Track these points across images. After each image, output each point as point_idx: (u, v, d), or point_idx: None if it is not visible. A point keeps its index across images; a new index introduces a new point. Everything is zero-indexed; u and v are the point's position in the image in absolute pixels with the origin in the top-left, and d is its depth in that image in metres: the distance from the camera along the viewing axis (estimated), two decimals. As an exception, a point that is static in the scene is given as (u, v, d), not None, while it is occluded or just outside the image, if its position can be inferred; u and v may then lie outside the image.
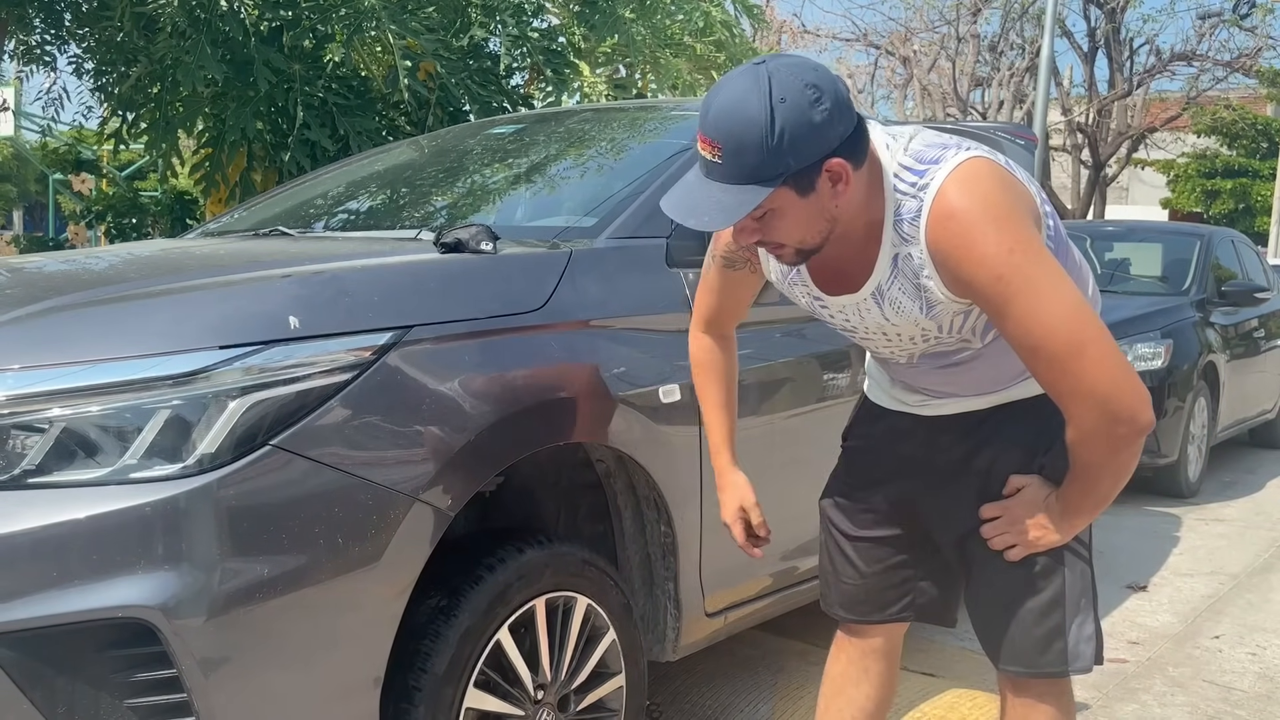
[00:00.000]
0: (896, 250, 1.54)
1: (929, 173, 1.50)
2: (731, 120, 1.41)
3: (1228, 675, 3.28)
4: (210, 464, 1.57)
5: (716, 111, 1.42)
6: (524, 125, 3.38)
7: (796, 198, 1.45)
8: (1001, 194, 1.48)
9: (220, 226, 3.12)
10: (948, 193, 1.47)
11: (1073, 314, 1.45)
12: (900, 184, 1.51)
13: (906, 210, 1.51)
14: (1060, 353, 1.45)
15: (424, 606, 1.86)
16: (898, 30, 20.92)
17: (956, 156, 1.50)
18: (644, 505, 2.30)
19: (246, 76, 5.64)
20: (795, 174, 1.43)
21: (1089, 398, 1.46)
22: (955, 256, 1.48)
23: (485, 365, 1.93)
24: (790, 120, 1.39)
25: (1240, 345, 6.68)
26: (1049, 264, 1.47)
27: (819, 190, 1.46)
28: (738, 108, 1.41)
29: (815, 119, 1.40)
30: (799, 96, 1.40)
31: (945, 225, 1.47)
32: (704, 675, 3.02)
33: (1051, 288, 1.45)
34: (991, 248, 1.44)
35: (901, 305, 1.60)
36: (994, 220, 1.46)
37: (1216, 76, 19.64)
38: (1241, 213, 20.38)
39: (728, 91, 1.43)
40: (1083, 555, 1.74)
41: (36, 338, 1.67)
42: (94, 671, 1.52)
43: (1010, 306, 1.45)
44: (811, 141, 1.41)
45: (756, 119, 1.39)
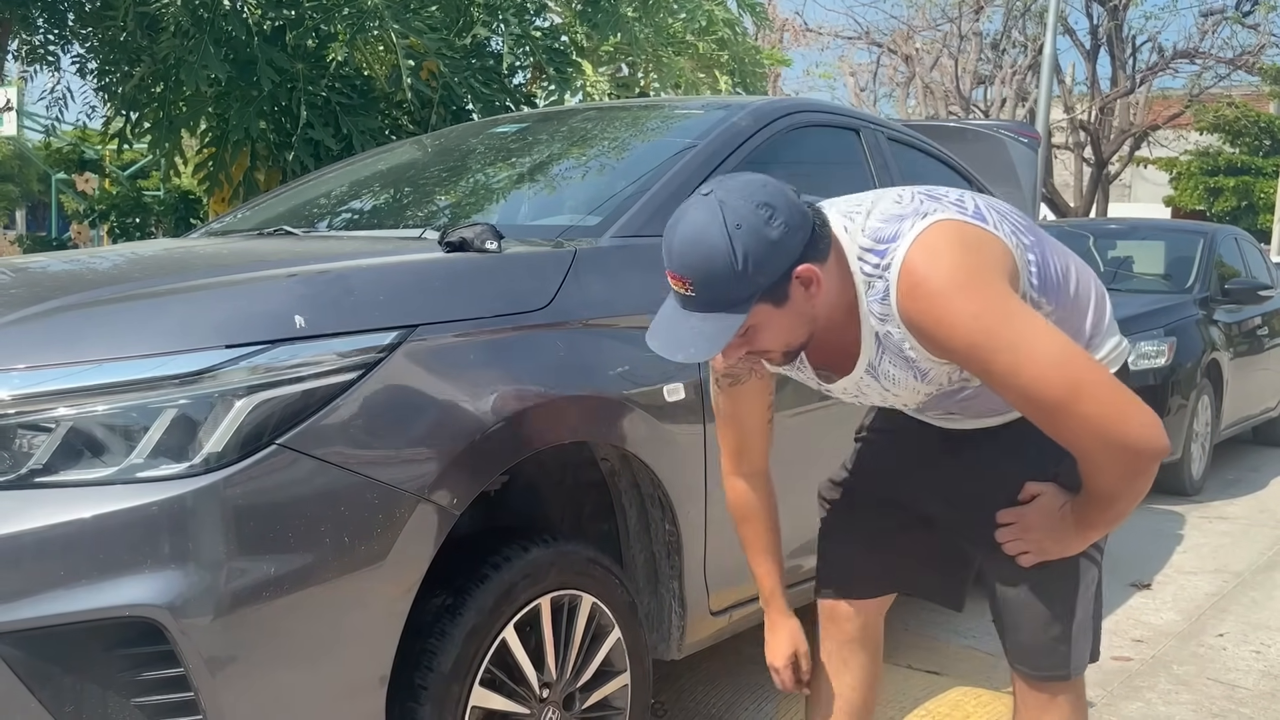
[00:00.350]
0: (876, 329, 1.58)
1: (889, 252, 1.52)
2: (695, 255, 1.45)
3: (1232, 673, 3.28)
4: (216, 463, 1.57)
5: (680, 248, 1.46)
6: (527, 124, 3.38)
7: (774, 310, 1.50)
8: (963, 258, 1.49)
9: (224, 226, 3.13)
10: (910, 269, 1.50)
11: (1058, 363, 1.45)
12: (865, 267, 1.54)
13: (875, 292, 1.54)
14: (1055, 403, 1.45)
15: (430, 605, 1.86)
16: (900, 28, 20.91)
17: (913, 229, 1.52)
18: (648, 504, 2.31)
19: (250, 76, 5.64)
20: (767, 289, 1.47)
21: (1097, 439, 1.46)
22: (929, 329, 1.50)
23: (490, 364, 1.93)
24: (750, 244, 1.43)
25: (1244, 343, 6.68)
26: (1023, 319, 1.47)
27: (793, 297, 1.50)
28: (699, 242, 1.44)
29: (774, 236, 1.44)
30: (754, 218, 1.44)
31: (913, 302, 1.50)
32: (708, 674, 3.02)
33: (1030, 343, 1.45)
34: (960, 316, 1.46)
35: (896, 377, 1.63)
36: (958, 288, 1.47)
37: (1219, 74, 19.61)
38: (1244, 210, 20.34)
39: (686, 227, 1.46)
40: (1097, 560, 1.75)
41: (42, 337, 1.68)
42: (101, 670, 1.53)
43: (992, 368, 1.47)
44: (775, 258, 1.45)
45: (719, 249, 1.43)
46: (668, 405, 2.21)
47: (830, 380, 1.71)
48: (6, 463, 1.55)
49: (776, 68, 14.13)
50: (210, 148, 6.26)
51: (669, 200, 2.43)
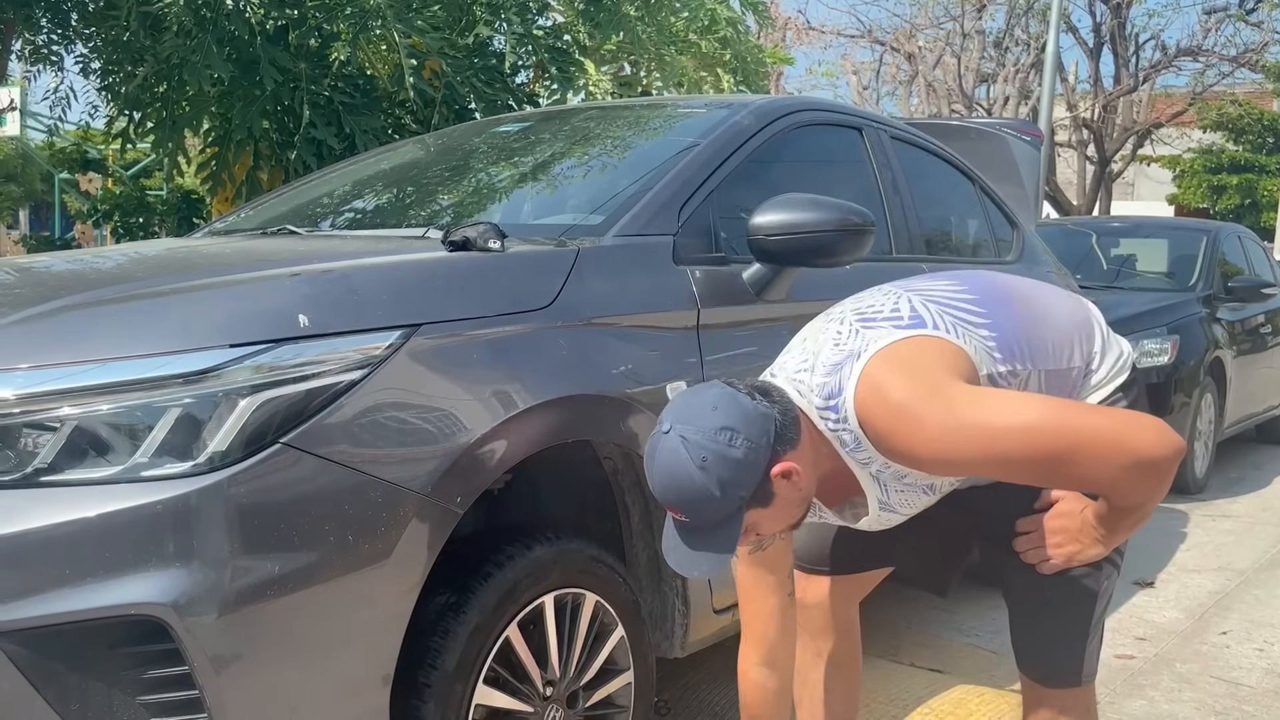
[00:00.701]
0: (869, 469, 1.62)
1: (840, 405, 1.57)
2: (675, 492, 1.52)
3: (1235, 671, 3.28)
4: (221, 462, 1.57)
5: (660, 488, 1.54)
6: (530, 123, 3.38)
7: (763, 510, 1.55)
8: (907, 384, 1.52)
9: (227, 225, 3.13)
10: (865, 417, 1.54)
11: (1040, 428, 1.46)
12: (829, 424, 1.59)
13: (848, 441, 1.59)
14: (1060, 464, 1.47)
15: (433, 603, 1.87)
16: (903, 26, 20.90)
17: (852, 376, 1.56)
18: (651, 502, 2.31)
19: (252, 76, 5.65)
20: (751, 498, 1.52)
21: (1116, 470, 1.48)
22: (908, 458, 1.54)
23: (493, 363, 1.94)
24: (720, 471, 1.49)
25: (1247, 341, 6.67)
26: (989, 410, 1.49)
27: (779, 493, 1.55)
28: (675, 481, 1.51)
29: (739, 456, 1.50)
30: (715, 446, 1.49)
31: (882, 440, 1.55)
32: (711, 672, 3.03)
33: (1004, 421, 1.47)
34: (927, 440, 1.49)
35: (909, 500, 1.68)
36: (912, 418, 1.50)
37: (1222, 71, 19.59)
38: (1248, 208, 20.31)
39: (660, 469, 1.53)
40: (1118, 565, 1.76)
41: (46, 337, 1.68)
42: (106, 668, 1.53)
43: (985, 465, 1.51)
44: (748, 473, 1.51)
45: (694, 485, 1.50)
46: (671, 404, 2.21)
47: (855, 519, 1.75)
48: (11, 462, 1.56)
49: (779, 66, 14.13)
50: (213, 147, 6.27)
51: (672, 199, 2.44)
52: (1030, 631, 1.78)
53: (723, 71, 8.44)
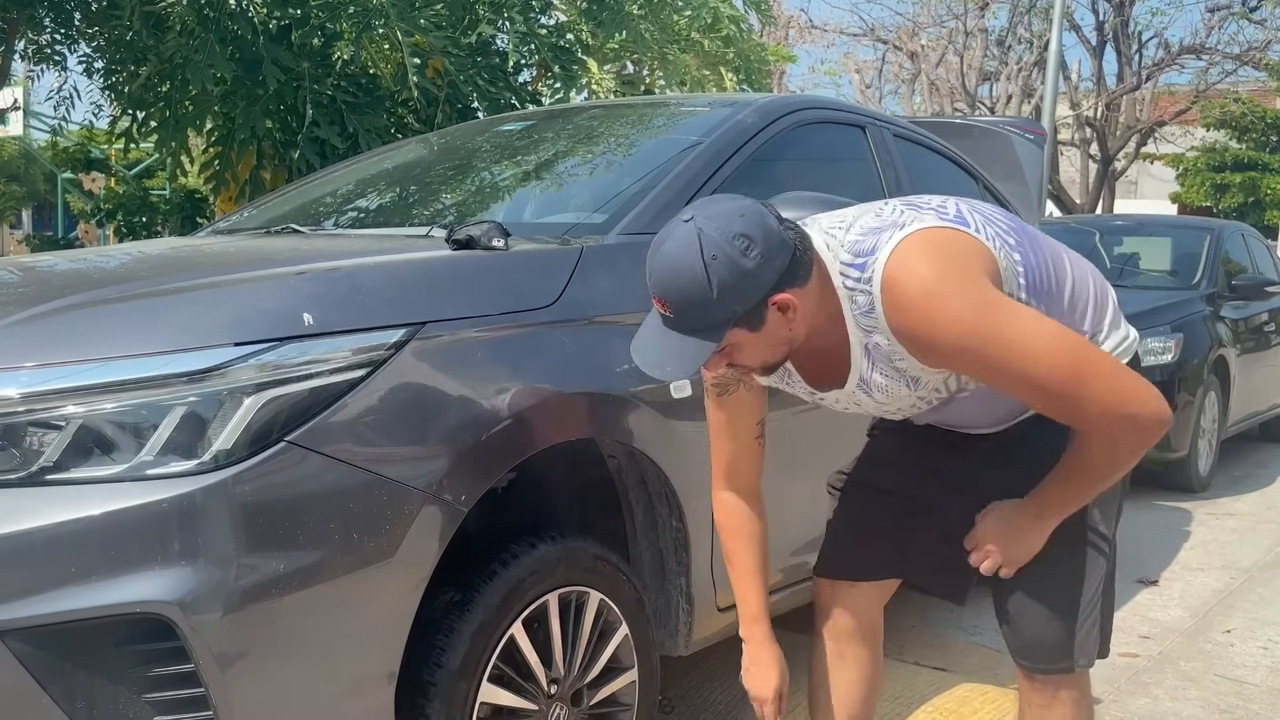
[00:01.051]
0: (864, 341, 1.59)
1: (869, 265, 1.54)
2: (673, 282, 1.49)
3: (1239, 669, 3.27)
4: (226, 460, 1.58)
5: (659, 274, 1.50)
6: (533, 122, 3.38)
7: (749, 334, 1.53)
8: (943, 264, 1.51)
9: (230, 225, 3.14)
10: (891, 281, 1.51)
11: (1055, 350, 1.48)
12: (847, 281, 1.56)
13: (859, 305, 1.56)
14: (1059, 391, 1.49)
15: (438, 602, 1.87)
16: (905, 25, 20.88)
17: (890, 241, 1.53)
18: (655, 500, 2.31)
19: (255, 75, 5.66)
20: (743, 316, 1.50)
21: (1106, 416, 1.50)
22: (919, 338, 1.52)
23: (497, 361, 1.94)
24: (725, 274, 1.46)
25: (1251, 339, 6.66)
26: (1010, 315, 1.50)
27: (769, 322, 1.53)
28: (676, 270, 1.48)
29: (748, 267, 1.47)
30: (729, 249, 1.46)
31: (899, 313, 1.52)
32: (716, 670, 3.03)
33: (1022, 337, 1.48)
34: (947, 322, 1.48)
35: (889, 388, 1.64)
36: (940, 295, 1.49)
37: (1226, 70, 19.55)
38: (1251, 206, 20.26)
39: (665, 254, 1.50)
40: (1105, 552, 1.76)
41: (51, 336, 1.68)
42: (112, 666, 1.53)
43: (988, 368, 1.50)
44: (750, 287, 1.48)
45: (695, 278, 1.47)
46: (674, 402, 2.22)
47: (823, 391, 1.73)
48: (17, 460, 1.56)
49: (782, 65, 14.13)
50: (216, 147, 6.28)
51: (675, 198, 2.44)
52: (1016, 621, 1.78)
53: (726, 70, 8.44)
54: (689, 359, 1.52)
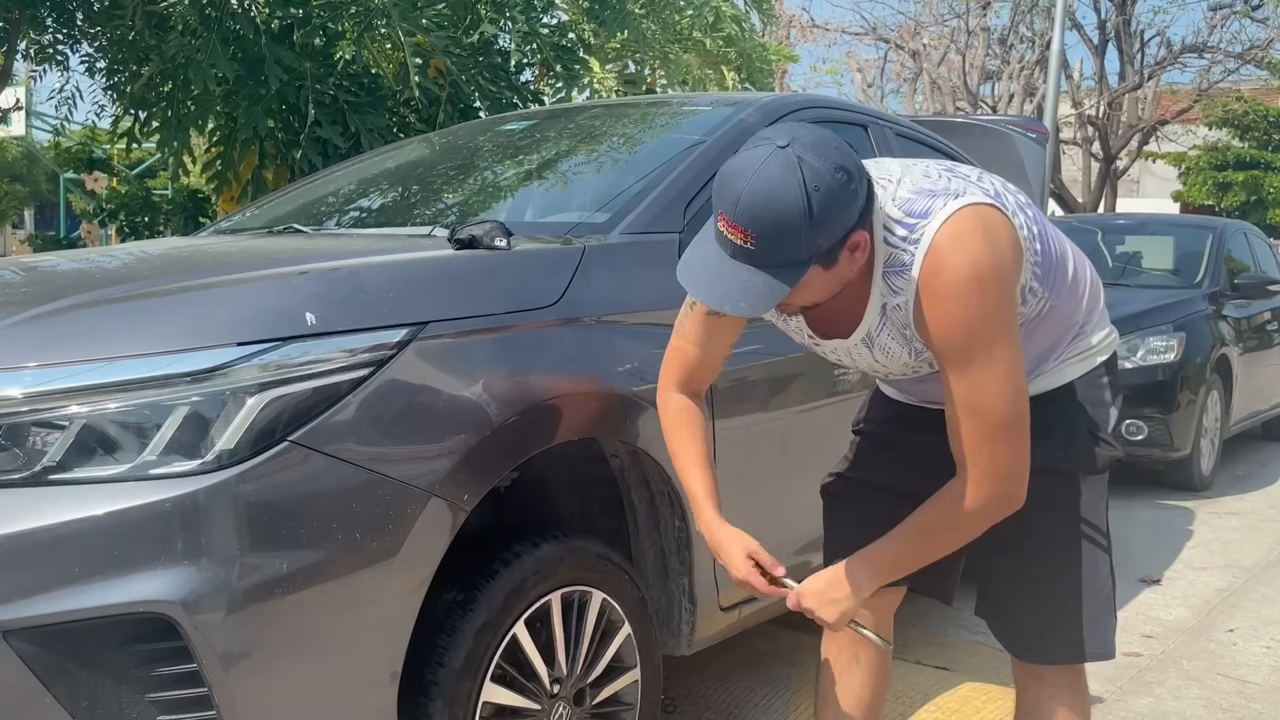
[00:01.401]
0: (885, 300, 1.57)
1: (919, 227, 1.51)
2: (767, 210, 1.39)
3: (1242, 668, 3.27)
4: (229, 460, 1.58)
5: (750, 200, 1.39)
6: (535, 122, 3.38)
7: (821, 272, 1.47)
8: (990, 253, 1.49)
9: (233, 224, 3.14)
10: (938, 251, 1.49)
11: (1015, 396, 1.52)
12: (890, 237, 1.53)
13: (897, 264, 1.53)
14: (990, 427, 1.52)
15: (441, 601, 1.87)
16: (907, 24, 20.87)
17: (945, 208, 1.51)
18: (658, 500, 2.31)
19: (258, 74, 5.66)
20: (824, 254, 1.44)
21: (991, 470, 1.53)
22: (935, 310, 1.51)
23: (500, 361, 1.94)
24: (825, 206, 1.39)
25: (1253, 338, 6.66)
26: (1013, 340, 1.52)
27: (840, 261, 1.48)
28: (774, 198, 1.39)
29: (846, 201, 1.41)
30: (832, 182, 1.39)
31: (933, 280, 1.50)
32: (718, 670, 3.03)
33: (1007, 365, 1.51)
34: (971, 315, 1.48)
35: (890, 350, 1.64)
36: (979, 287, 1.48)
37: (1228, 68, 19.52)
38: (1254, 205, 20.23)
39: (761, 180, 1.39)
40: (1101, 545, 1.75)
41: (54, 335, 1.68)
42: (116, 666, 1.53)
43: (968, 370, 1.51)
44: (841, 222, 1.42)
45: (794, 209, 1.38)
46: (677, 401, 2.21)
47: (823, 338, 1.70)
48: (20, 460, 1.56)
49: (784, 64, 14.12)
50: (218, 146, 6.28)
51: (677, 197, 2.44)
52: (1019, 615, 1.77)
53: (727, 69, 8.44)
54: (765, 296, 1.43)
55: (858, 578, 1.65)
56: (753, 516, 2.47)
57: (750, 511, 2.45)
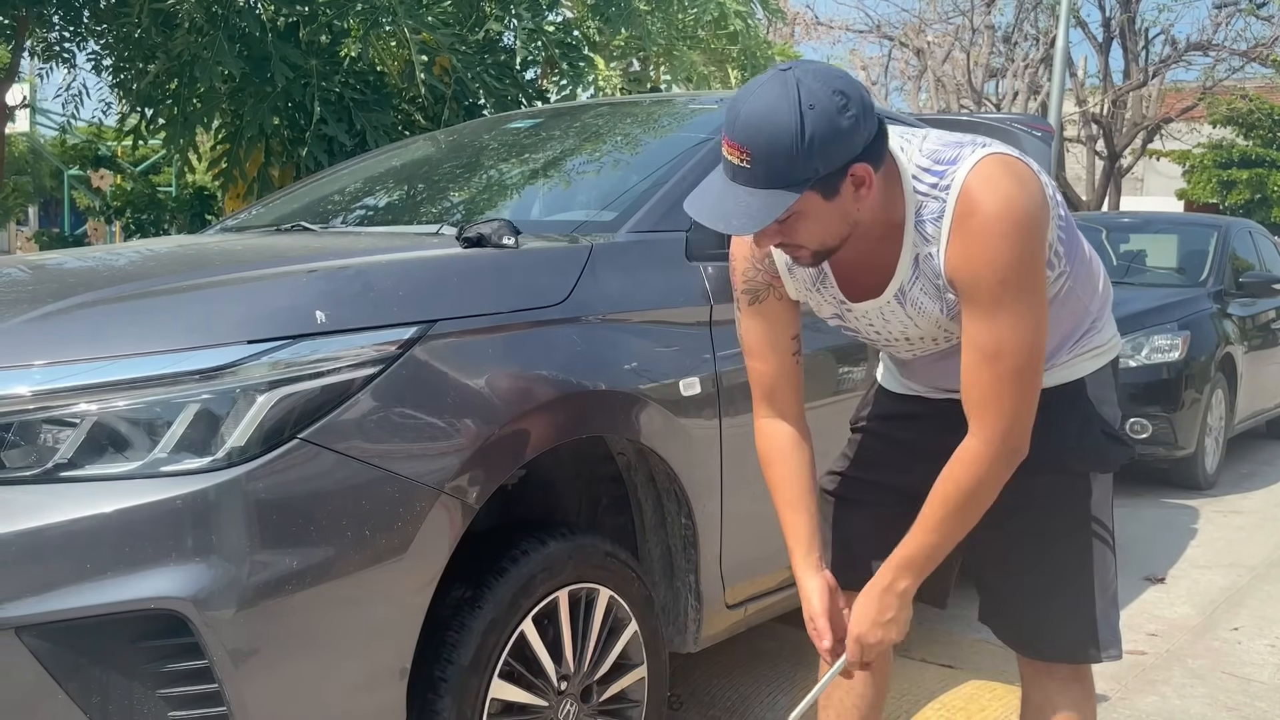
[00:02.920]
0: (918, 250, 1.57)
1: (948, 173, 1.52)
2: (761, 126, 1.42)
3: (1247, 667, 3.27)
4: (239, 457, 1.58)
5: (746, 117, 1.43)
6: (541, 120, 3.39)
7: (821, 201, 1.47)
8: (1021, 196, 1.50)
9: (240, 222, 3.14)
10: (970, 192, 1.50)
11: (1038, 343, 1.54)
12: (920, 185, 1.54)
13: (928, 211, 1.53)
14: (1013, 371, 1.52)
15: (449, 598, 1.88)
16: (911, 22, 20.85)
17: (974, 154, 1.52)
18: (665, 498, 2.31)
19: (264, 72, 5.67)
20: (822, 179, 1.44)
21: (1006, 417, 1.54)
22: (968, 252, 1.51)
23: (508, 359, 1.95)
24: (819, 126, 1.41)
25: (1258, 336, 6.65)
26: (1042, 287, 1.54)
27: (843, 195, 1.48)
28: (768, 114, 1.42)
29: (843, 125, 1.42)
30: (828, 103, 1.41)
31: (968, 221, 1.50)
32: (724, 666, 3.03)
33: (1035, 310, 1.52)
34: (1005, 255, 1.48)
35: (923, 306, 1.62)
36: (1013, 225, 1.48)
37: (1233, 66, 19.49)
38: (1258, 203, 20.18)
39: (757, 98, 1.43)
40: (1108, 543, 1.75)
41: (64, 333, 1.69)
42: (127, 662, 1.54)
43: (995, 313, 1.51)
44: (838, 147, 1.43)
45: (787, 125, 1.41)
46: (684, 400, 2.22)
47: (852, 303, 1.69)
48: (32, 458, 1.57)
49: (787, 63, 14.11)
50: (224, 144, 6.29)
51: (684, 195, 2.42)
52: (1023, 610, 1.77)
53: (732, 67, 8.43)
54: (759, 213, 1.44)
55: (898, 585, 1.65)
56: (758, 515, 2.48)
57: (755, 510, 2.46)
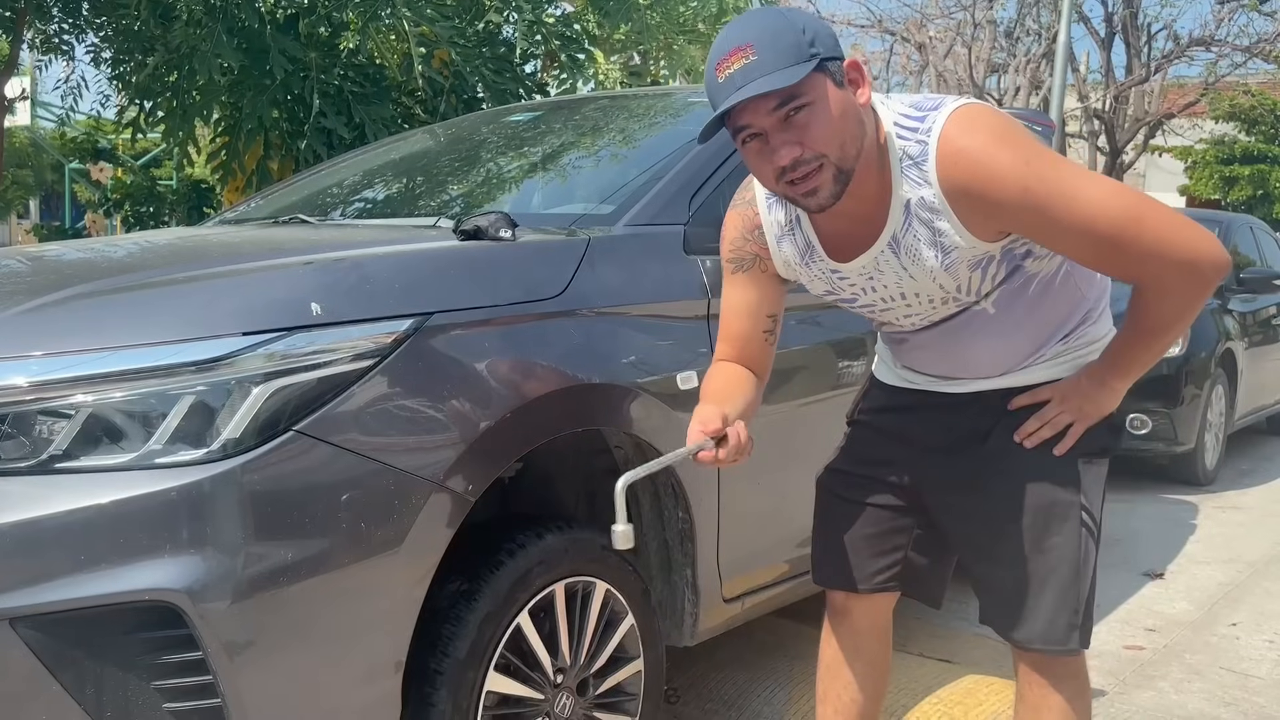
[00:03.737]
0: (908, 196, 1.57)
1: (929, 118, 1.54)
2: (758, 22, 1.48)
3: (1245, 662, 3.27)
4: (234, 449, 1.58)
5: (740, 26, 1.49)
6: (540, 113, 3.38)
7: (832, 89, 1.49)
8: (1004, 124, 1.53)
9: (238, 215, 3.14)
10: (951, 131, 1.52)
11: (1113, 192, 1.50)
12: (902, 131, 1.55)
13: (913, 153, 1.55)
14: (1119, 233, 1.49)
15: (445, 591, 1.88)
16: (913, 16, 20.79)
17: (955, 101, 1.55)
18: (662, 492, 2.31)
19: (263, 65, 5.66)
20: (826, 61, 1.47)
21: (1164, 260, 1.51)
22: (975, 188, 1.51)
23: (505, 352, 1.94)
24: (807, 20, 1.49)
25: (1258, 332, 6.64)
26: (1067, 163, 1.52)
27: (849, 85, 1.51)
28: (760, 16, 1.49)
29: (829, 30, 1.50)
30: (812, 18, 1.50)
31: (956, 162, 1.51)
32: (721, 660, 3.03)
33: (1080, 178, 1.50)
34: (1007, 165, 1.48)
35: (919, 254, 1.61)
36: (1001, 141, 1.50)
37: (1235, 62, 19.43)
38: (1260, 199, 20.17)
39: (738, 22, 1.50)
40: (1092, 532, 1.75)
41: (60, 325, 1.69)
42: (121, 654, 1.54)
43: (1050, 211, 1.49)
44: (829, 40, 1.49)
45: (779, 19, 1.48)
46: (681, 393, 2.22)
47: (844, 265, 1.68)
48: (27, 449, 1.57)
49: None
50: (224, 136, 6.28)
51: (682, 189, 2.44)
52: (1015, 601, 1.77)
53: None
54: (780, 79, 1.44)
55: (1109, 379, 1.69)
56: (755, 510, 2.48)
57: (753, 505, 2.46)
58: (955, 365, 1.79)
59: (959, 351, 1.76)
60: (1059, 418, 1.72)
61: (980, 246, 1.58)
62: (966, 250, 1.58)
